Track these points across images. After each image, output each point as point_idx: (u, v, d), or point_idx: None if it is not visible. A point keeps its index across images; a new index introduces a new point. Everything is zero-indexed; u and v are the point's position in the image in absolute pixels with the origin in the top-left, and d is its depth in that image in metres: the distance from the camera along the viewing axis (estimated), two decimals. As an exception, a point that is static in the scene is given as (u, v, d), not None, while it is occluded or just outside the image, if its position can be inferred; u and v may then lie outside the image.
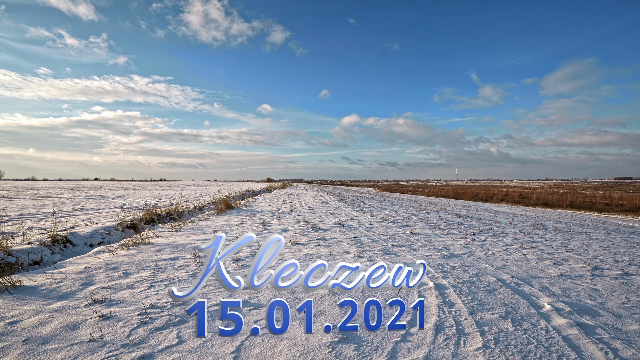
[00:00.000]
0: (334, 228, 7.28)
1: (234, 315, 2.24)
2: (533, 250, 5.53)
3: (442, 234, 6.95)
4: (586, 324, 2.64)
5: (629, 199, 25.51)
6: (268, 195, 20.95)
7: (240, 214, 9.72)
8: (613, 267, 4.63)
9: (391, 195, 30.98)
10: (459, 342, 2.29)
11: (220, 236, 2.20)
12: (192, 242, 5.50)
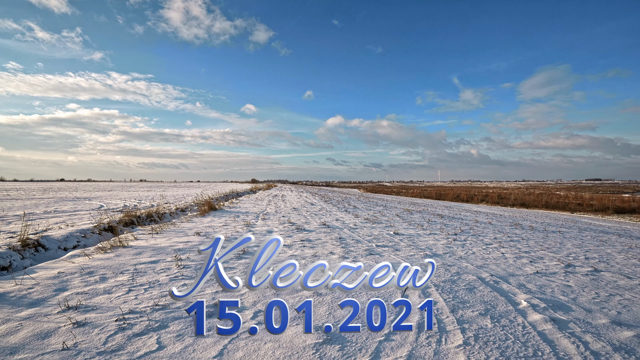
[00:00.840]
0: (319, 229, 7.29)
1: (232, 315, 2.26)
2: (511, 249, 5.73)
3: (424, 234, 7.08)
4: (560, 319, 2.76)
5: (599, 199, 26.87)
6: (253, 197, 20.73)
7: (224, 216, 9.57)
8: (584, 264, 4.85)
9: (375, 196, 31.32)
10: (440, 340, 2.34)
11: (219, 238, 2.22)
12: (173, 245, 5.36)
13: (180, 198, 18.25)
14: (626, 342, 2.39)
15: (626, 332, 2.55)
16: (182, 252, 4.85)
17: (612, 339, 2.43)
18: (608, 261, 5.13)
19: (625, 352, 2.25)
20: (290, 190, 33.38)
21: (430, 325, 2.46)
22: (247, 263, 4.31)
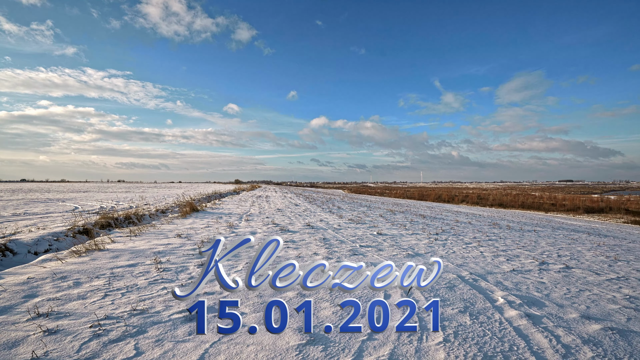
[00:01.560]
0: (303, 230, 7.27)
1: (232, 314, 2.30)
2: (489, 248, 5.91)
3: (407, 234, 7.20)
4: (534, 314, 2.87)
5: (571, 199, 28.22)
6: (236, 197, 20.44)
7: (207, 217, 9.39)
8: (557, 261, 5.08)
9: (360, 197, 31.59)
10: (422, 338, 2.39)
11: (219, 239, 2.27)
12: (153, 247, 5.21)
13: (161, 199, 17.75)
14: (594, 335, 2.52)
15: (594, 325, 2.69)
16: (162, 255, 4.71)
17: (581, 332, 2.56)
18: (578, 258, 5.39)
19: (593, 344, 2.37)
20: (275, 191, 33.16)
21: (437, 327, 2.41)
22: (229, 265, 4.24)
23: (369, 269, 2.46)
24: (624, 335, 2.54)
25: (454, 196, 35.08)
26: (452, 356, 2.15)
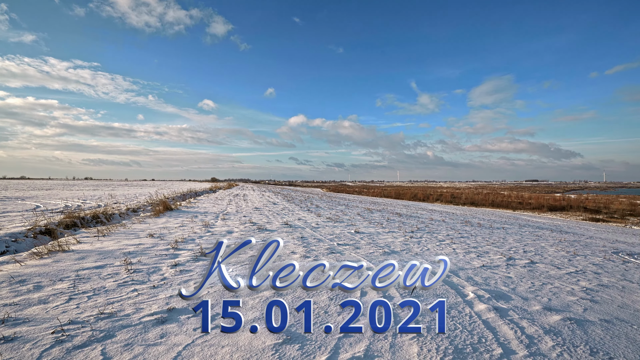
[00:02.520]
0: (281, 229, 7.23)
1: (234, 314, 2.33)
2: (461, 245, 6.15)
3: (384, 232, 7.34)
4: (501, 307, 3.02)
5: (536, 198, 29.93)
6: (212, 196, 19.96)
7: (181, 216, 9.10)
8: (523, 257, 5.36)
9: (338, 196, 31.83)
10: (396, 333, 2.44)
11: (222, 241, 2.36)
12: (123, 248, 4.98)
13: (132, 198, 17.01)
14: (555, 325, 2.69)
15: (555, 316, 2.87)
16: (132, 256, 4.52)
17: (543, 323, 2.72)
18: (542, 254, 5.73)
19: (553, 334, 2.53)
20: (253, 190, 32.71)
21: (443, 328, 2.30)
22: (204, 265, 4.14)
23: (370, 268, 2.43)
24: (581, 324, 2.73)
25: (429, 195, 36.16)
26: (424, 350, 2.22)
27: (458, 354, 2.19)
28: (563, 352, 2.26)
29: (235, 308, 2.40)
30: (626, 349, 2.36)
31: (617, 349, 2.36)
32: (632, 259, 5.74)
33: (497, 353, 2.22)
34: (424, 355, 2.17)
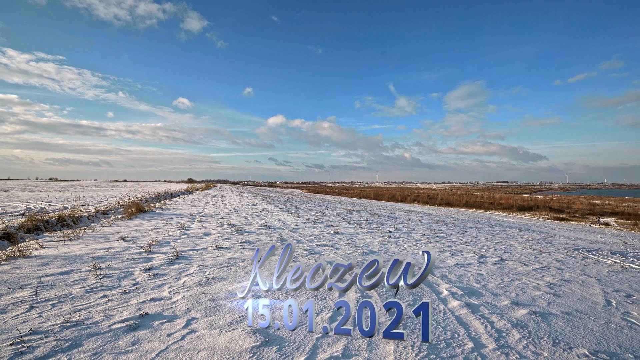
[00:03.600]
0: (260, 230, 7.15)
1: (263, 313, 2.53)
2: (437, 244, 6.35)
3: (362, 232, 7.44)
4: (473, 303, 3.15)
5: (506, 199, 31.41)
6: (189, 197, 19.41)
7: (155, 218, 8.78)
8: (493, 255, 5.61)
9: (318, 197, 31.89)
10: (373, 332, 2.48)
11: (258, 248, 2.98)
12: (91, 252, 4.74)
13: (102, 199, 16.21)
14: (521, 319, 2.84)
15: (522, 310, 3.03)
16: (102, 260, 4.31)
17: (511, 317, 2.86)
18: (511, 251, 6.02)
19: (520, 327, 2.66)
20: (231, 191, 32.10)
21: (427, 337, 2.00)
22: (180, 269, 4.02)
23: (358, 265, 2.42)
24: (545, 317, 2.90)
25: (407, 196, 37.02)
26: (400, 347, 2.28)
27: (432, 350, 2.26)
28: (529, 344, 2.39)
29: (266, 309, 2.57)
30: (584, 338, 2.54)
31: (577, 338, 2.52)
32: (591, 255, 6.16)
33: (469, 347, 2.31)
34: (400, 352, 2.22)
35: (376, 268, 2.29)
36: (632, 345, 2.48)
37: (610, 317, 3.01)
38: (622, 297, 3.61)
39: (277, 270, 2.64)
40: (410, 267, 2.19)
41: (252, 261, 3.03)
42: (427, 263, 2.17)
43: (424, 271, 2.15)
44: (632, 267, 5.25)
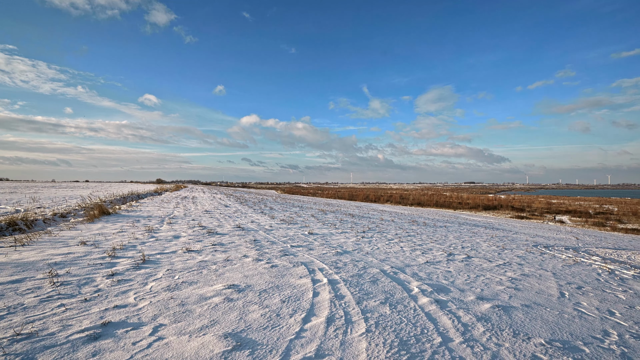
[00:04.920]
0: (233, 232, 6.99)
1: None
2: (408, 243, 6.53)
3: (337, 232, 7.50)
4: (441, 299, 3.27)
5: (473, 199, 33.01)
6: (157, 199, 18.59)
7: (120, 221, 8.32)
8: (461, 252, 5.87)
9: (292, 198, 31.74)
10: (346, 331, 2.51)
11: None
12: (47, 258, 4.40)
13: (61, 201, 15.11)
14: (485, 312, 2.99)
15: (486, 304, 3.19)
16: (60, 267, 4.02)
17: (476, 311, 3.01)
18: (477, 249, 6.33)
19: (484, 321, 2.81)
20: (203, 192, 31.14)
21: None
22: (148, 273, 3.84)
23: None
24: (507, 310, 3.08)
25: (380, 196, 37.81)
26: (372, 344, 2.32)
27: (403, 346, 2.32)
28: (492, 336, 2.52)
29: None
30: (541, 328, 2.72)
31: (534, 329, 2.70)
32: (548, 251, 6.62)
33: (437, 342, 2.40)
34: (372, 349, 2.26)
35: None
36: (581, 333, 2.69)
37: (563, 308, 3.26)
38: (574, 289, 3.91)
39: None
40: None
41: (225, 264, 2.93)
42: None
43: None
44: (582, 261, 5.70)
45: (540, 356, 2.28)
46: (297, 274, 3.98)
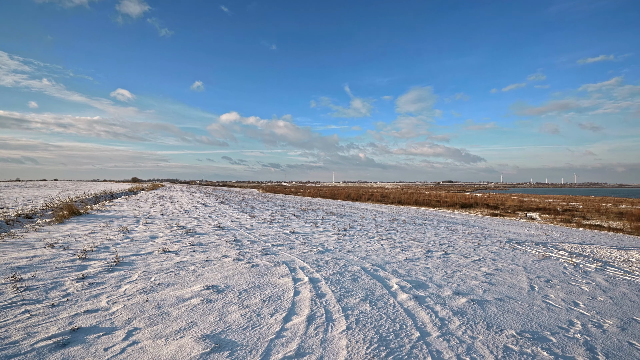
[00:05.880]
0: (213, 232, 6.85)
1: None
2: (388, 241, 6.65)
3: (318, 231, 7.52)
4: (420, 295, 3.35)
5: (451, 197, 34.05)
6: (133, 198, 17.91)
7: (92, 221, 7.95)
8: (439, 249, 6.04)
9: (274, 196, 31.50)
10: (327, 329, 2.52)
11: None
12: (10, 262, 4.13)
13: (26, 201, 14.24)
14: (461, 307, 3.09)
15: (462, 299, 3.30)
16: (24, 271, 3.79)
17: (452, 306, 3.11)
18: (454, 245, 6.53)
19: (460, 315, 2.90)
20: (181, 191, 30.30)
21: None
22: (121, 276, 3.70)
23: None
24: (481, 304, 3.19)
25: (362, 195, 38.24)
26: (352, 341, 2.34)
27: (382, 342, 2.36)
28: (467, 330, 2.61)
29: None
30: (512, 320, 2.85)
31: (506, 321, 2.82)
32: (519, 247, 6.93)
33: (415, 337, 2.46)
34: (352, 346, 2.28)
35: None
36: (549, 324, 2.84)
37: (533, 300, 3.42)
38: (542, 282, 4.11)
39: None
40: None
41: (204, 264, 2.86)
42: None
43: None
44: (551, 255, 6.02)
45: (511, 347, 2.38)
46: (278, 273, 3.96)
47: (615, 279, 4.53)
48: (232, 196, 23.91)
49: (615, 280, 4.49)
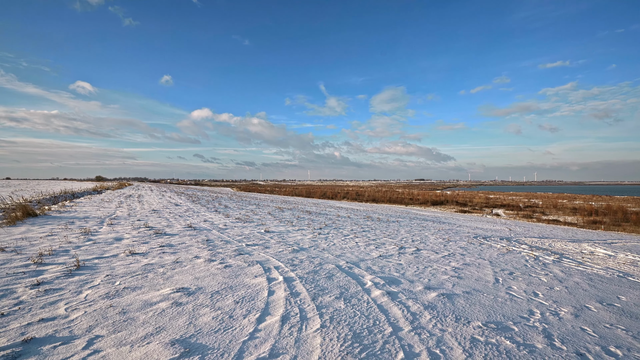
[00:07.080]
0: (184, 232, 6.61)
1: None
2: (363, 239, 6.74)
3: (294, 230, 7.48)
4: (392, 291, 3.43)
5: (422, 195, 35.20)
6: (97, 198, 16.89)
7: (50, 223, 7.39)
8: (411, 246, 6.21)
9: (249, 195, 30.98)
10: (301, 328, 2.51)
11: None
12: (-48, 269, 3.75)
13: (-27, 202, 12.98)
14: (432, 301, 3.20)
15: (432, 293, 3.41)
16: (-31, 278, 3.44)
17: (424, 300, 3.20)
18: (425, 242, 6.74)
19: (431, 309, 3.00)
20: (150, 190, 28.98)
21: None
22: (82, 280, 3.47)
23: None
24: (450, 298, 3.32)
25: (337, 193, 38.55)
26: (327, 339, 2.34)
27: (356, 338, 2.38)
28: (437, 323, 2.70)
29: None
30: (479, 312, 2.98)
31: (473, 313, 2.95)
32: (486, 242, 7.29)
33: (388, 332, 2.50)
34: (326, 344, 2.28)
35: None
36: (512, 314, 3.01)
37: (497, 292, 3.60)
38: (506, 275, 4.35)
39: None
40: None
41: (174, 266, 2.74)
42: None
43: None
44: (514, 249, 6.38)
45: (478, 337, 2.49)
46: (252, 273, 3.89)
47: (570, 270, 4.89)
48: (204, 195, 23.21)
49: (570, 271, 4.84)
